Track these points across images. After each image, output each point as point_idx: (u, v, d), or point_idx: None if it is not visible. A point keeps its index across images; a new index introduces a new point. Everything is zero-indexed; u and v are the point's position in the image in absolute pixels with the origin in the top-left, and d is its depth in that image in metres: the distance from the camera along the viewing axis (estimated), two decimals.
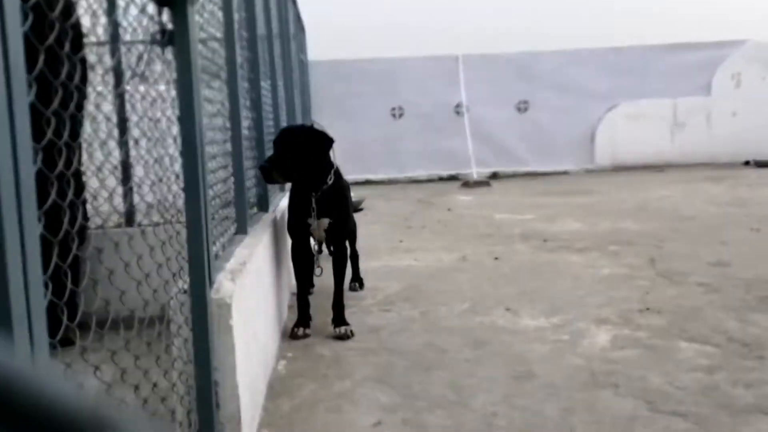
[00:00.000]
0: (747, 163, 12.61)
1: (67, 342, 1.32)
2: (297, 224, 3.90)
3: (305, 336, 3.76)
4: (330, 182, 3.82)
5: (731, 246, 5.56)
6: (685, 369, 3.09)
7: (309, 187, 3.79)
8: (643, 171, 12.41)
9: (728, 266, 4.89)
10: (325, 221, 3.83)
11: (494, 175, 12.64)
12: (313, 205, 3.78)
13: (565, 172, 12.82)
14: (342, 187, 3.99)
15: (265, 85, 4.47)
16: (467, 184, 11.49)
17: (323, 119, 12.77)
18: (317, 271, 3.96)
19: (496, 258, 5.54)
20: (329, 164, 3.85)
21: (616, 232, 6.45)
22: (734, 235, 5.98)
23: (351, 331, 3.74)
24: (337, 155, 12.99)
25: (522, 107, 13.16)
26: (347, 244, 4.14)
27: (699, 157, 12.80)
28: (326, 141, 3.82)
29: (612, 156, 12.97)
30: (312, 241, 3.99)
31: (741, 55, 12.83)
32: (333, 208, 3.84)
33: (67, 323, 1.35)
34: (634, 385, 2.95)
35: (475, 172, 12.38)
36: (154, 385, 2.01)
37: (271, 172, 3.67)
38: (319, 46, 12.16)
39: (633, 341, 3.48)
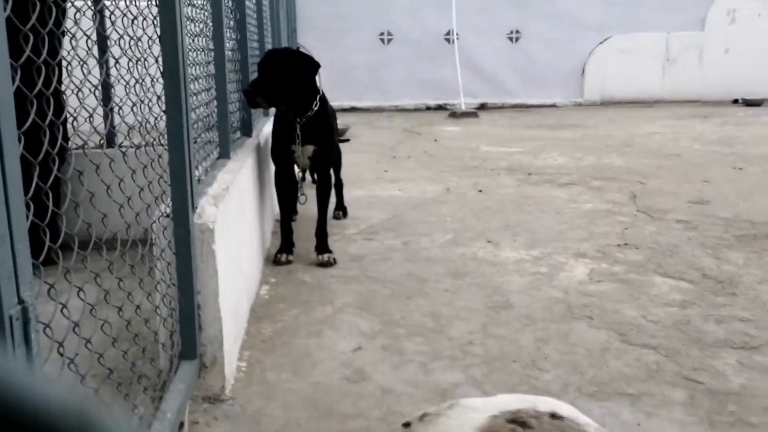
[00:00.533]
0: (736, 101, 12.58)
1: (49, 262, 1.32)
2: (281, 151, 3.87)
3: (288, 262, 3.79)
4: (315, 109, 3.76)
5: (713, 184, 5.61)
6: (659, 303, 3.17)
7: (294, 113, 3.74)
8: (632, 106, 12.36)
9: (708, 204, 4.95)
10: (310, 148, 3.80)
11: (482, 106, 12.53)
12: (298, 131, 3.73)
13: (553, 105, 12.74)
14: (327, 114, 3.93)
15: (249, 4, 4.34)
16: (455, 114, 11.40)
17: (309, 42, 12.50)
18: (301, 199, 3.96)
19: (481, 190, 5.56)
20: (315, 90, 3.78)
21: (601, 167, 6.48)
22: (717, 174, 6.02)
23: (334, 259, 3.77)
24: (322, 81, 12.79)
25: (514, 37, 12.94)
26: (332, 172, 4.13)
27: (689, 94, 12.74)
28: (312, 65, 3.74)
29: (601, 90, 12.88)
30: (296, 168, 3.97)
31: None
32: (318, 135, 3.81)
33: (50, 244, 1.34)
34: (609, 317, 3.02)
35: (463, 102, 12.25)
36: (138, 307, 2.03)
37: (254, 96, 3.60)
38: None
39: (610, 275, 3.55)
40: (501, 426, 1.09)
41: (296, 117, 3.73)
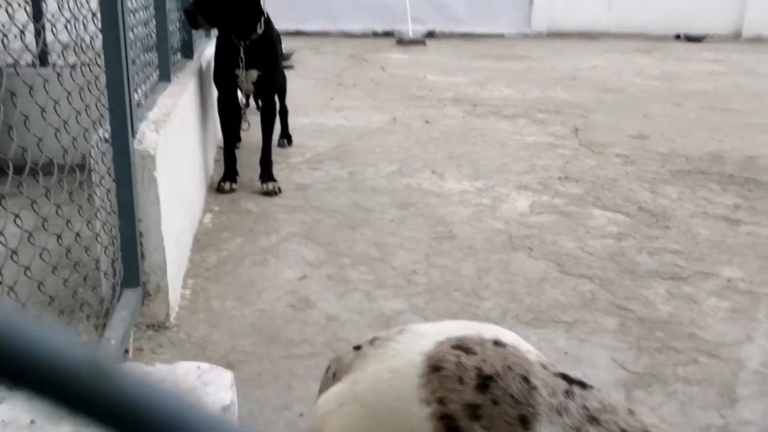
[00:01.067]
0: (678, 36, 12.76)
1: None
2: (224, 75, 3.75)
3: (232, 190, 3.74)
4: (260, 31, 3.64)
5: (652, 119, 5.74)
6: (596, 235, 3.27)
7: (237, 35, 3.61)
8: (578, 38, 12.39)
9: (647, 139, 5.07)
10: (254, 73, 3.70)
11: (430, 34, 12.36)
12: (242, 55, 3.61)
13: (501, 35, 12.66)
14: (273, 37, 3.81)
15: None
16: (402, 42, 11.22)
17: None
18: (244, 125, 3.87)
19: (427, 121, 5.55)
20: (259, 12, 3.65)
21: (545, 100, 6.53)
22: (657, 109, 6.16)
23: (278, 188, 3.74)
24: (266, 2, 12.35)
25: None
26: (276, 98, 4.03)
27: (634, 27, 12.84)
28: None
29: (549, 21, 12.85)
30: (239, 93, 3.86)
31: None
32: (262, 59, 3.69)
33: None
34: (548, 248, 3.11)
35: (411, 29, 12.05)
36: (77, 234, 1.98)
37: (195, 16, 3.44)
38: None
39: (550, 207, 3.64)
40: (446, 351, 1.12)
41: (240, 40, 3.60)
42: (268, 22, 3.73)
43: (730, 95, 6.95)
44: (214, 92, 3.98)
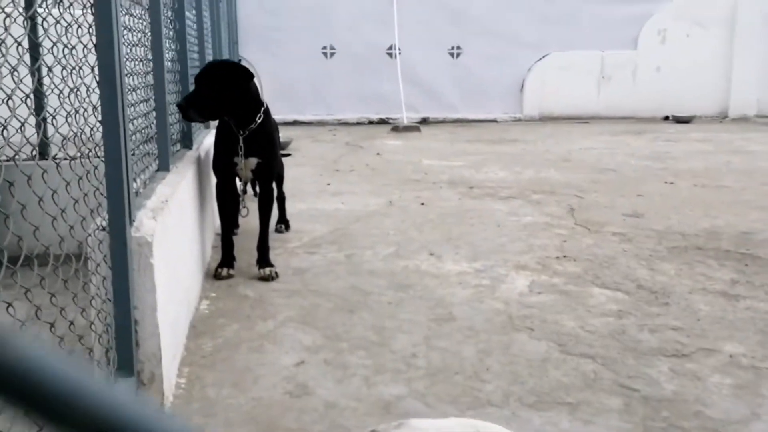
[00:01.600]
0: (667, 118, 13.08)
1: None
2: (223, 163, 3.81)
3: (229, 276, 3.73)
4: (259, 121, 3.73)
5: (647, 198, 5.80)
6: (597, 314, 3.25)
7: (236, 125, 3.69)
8: (570, 122, 12.70)
9: (642, 217, 5.11)
10: (253, 161, 3.76)
11: (424, 121, 12.66)
12: (241, 143, 3.69)
13: (494, 121, 12.97)
14: (271, 126, 3.90)
15: (189, 15, 4.29)
16: (397, 128, 11.48)
17: (251, 55, 12.41)
18: (243, 211, 3.90)
19: (423, 203, 5.61)
20: (258, 103, 3.75)
21: (540, 181, 6.62)
22: (650, 188, 6.23)
23: (275, 273, 3.73)
24: (264, 93, 12.71)
25: (455, 53, 13.14)
26: (274, 185, 4.09)
27: (623, 110, 13.17)
28: (243, 75, 3.64)
29: (540, 106, 13.20)
30: (238, 181, 3.92)
31: (668, 12, 13.14)
32: (261, 148, 3.77)
33: None
34: (549, 328, 3.08)
35: (405, 116, 12.35)
36: (71, 323, 1.96)
37: (188, 110, 3.52)
38: None
39: (549, 287, 3.62)
40: None
41: (239, 129, 3.68)
42: (267, 113, 3.82)
43: (721, 173, 7.05)
44: (212, 180, 4.04)
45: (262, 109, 3.74)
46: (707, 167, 7.42)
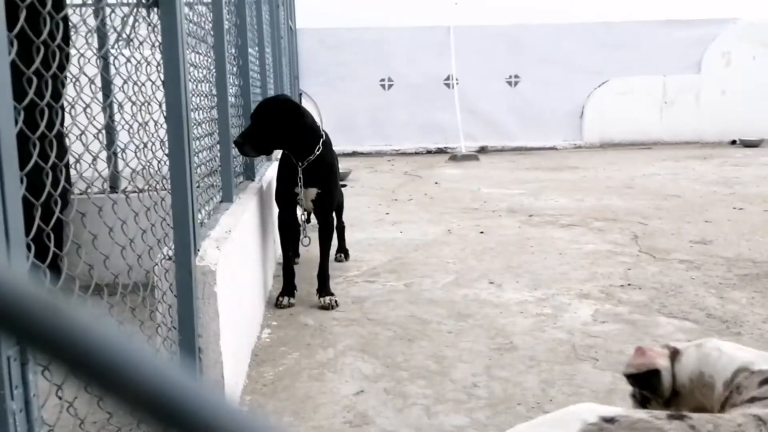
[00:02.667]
0: (734, 142, 12.68)
1: None
2: (284, 194, 3.89)
3: (290, 305, 3.77)
4: (318, 152, 3.80)
5: (714, 224, 5.61)
6: (664, 344, 3.13)
7: (295, 156, 3.77)
8: (631, 148, 12.45)
9: (710, 244, 4.94)
10: (313, 191, 3.82)
11: (482, 150, 12.64)
12: (300, 174, 3.76)
13: (553, 148, 12.84)
14: (331, 157, 3.97)
15: (252, 51, 4.42)
16: (455, 157, 11.48)
17: (311, 88, 12.69)
18: (305, 241, 3.96)
19: (482, 232, 5.57)
20: (316, 134, 3.82)
21: (602, 208, 6.49)
22: (718, 214, 6.03)
23: (335, 302, 3.75)
24: (324, 126, 12.92)
25: (512, 81, 13.12)
26: (334, 215, 4.14)
27: (687, 135, 12.86)
28: (292, 111, 3.75)
29: (600, 132, 13.00)
30: (299, 211, 3.98)
31: (732, 33, 12.83)
32: (320, 178, 3.83)
33: (50, 286, 1.34)
34: (614, 358, 2.99)
35: (464, 146, 12.36)
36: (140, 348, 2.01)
37: (243, 146, 3.61)
38: (308, 14, 12.02)
39: (614, 316, 3.53)
40: None
41: (298, 161, 3.76)
42: (327, 144, 3.89)
43: None
44: (275, 211, 4.11)
45: (321, 140, 3.81)
46: None
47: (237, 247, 2.90)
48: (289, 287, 3.83)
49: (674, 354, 1.65)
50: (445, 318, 3.56)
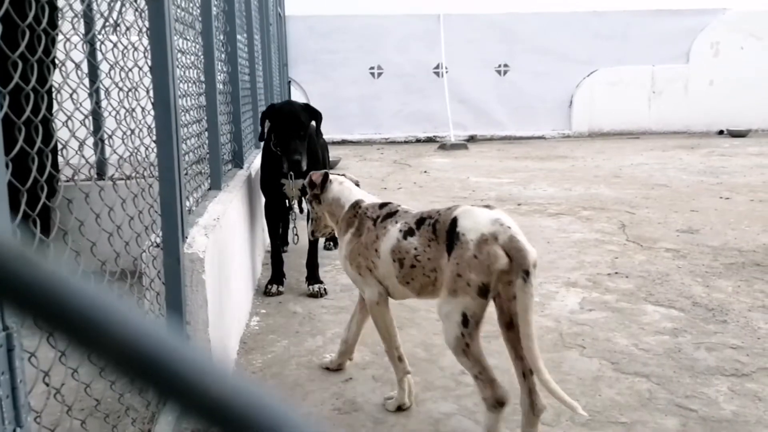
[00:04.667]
0: (721, 132, 12.76)
1: None
2: (270, 183, 3.88)
3: (279, 293, 3.77)
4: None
5: (701, 213, 5.65)
6: (651, 332, 3.16)
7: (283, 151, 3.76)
8: (620, 138, 12.50)
9: (697, 233, 4.98)
10: (300, 181, 3.81)
11: (471, 138, 12.64)
12: (286, 166, 3.74)
13: (542, 137, 12.86)
14: (317, 147, 3.96)
15: (240, 38, 4.39)
16: (444, 146, 11.48)
17: (300, 76, 12.63)
18: (294, 238, 3.94)
19: None
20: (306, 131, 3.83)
21: (590, 197, 6.52)
22: (704, 203, 6.07)
23: (324, 289, 3.76)
24: None
25: (502, 70, 13.12)
26: None
27: (675, 125, 12.92)
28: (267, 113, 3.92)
29: (589, 122, 13.04)
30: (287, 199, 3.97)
31: (720, 24, 12.88)
32: (308, 169, 3.81)
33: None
34: (601, 346, 3.01)
35: (453, 134, 12.36)
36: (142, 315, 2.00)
37: (301, 163, 3.71)
38: (297, 0, 11.95)
39: (601, 304, 3.55)
40: None
41: (284, 154, 3.75)
42: (315, 134, 3.89)
43: None
44: (263, 198, 4.10)
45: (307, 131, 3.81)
46: (765, 181, 7.20)
47: (225, 234, 2.89)
48: (277, 275, 3.83)
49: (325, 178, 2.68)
50: (434, 306, 3.56)
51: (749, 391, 2.56)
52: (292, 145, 3.69)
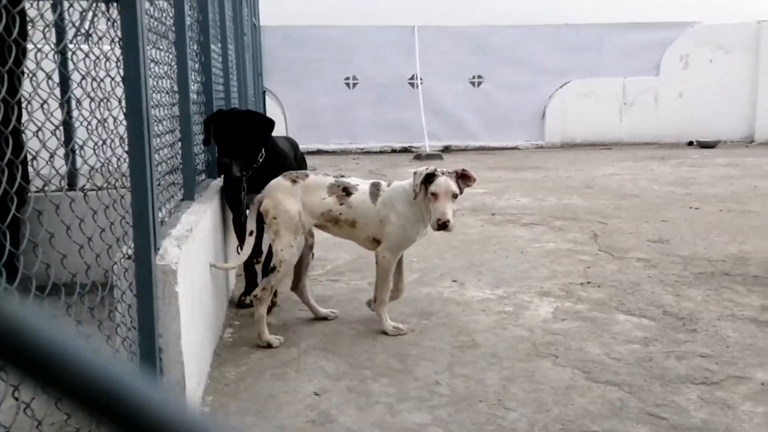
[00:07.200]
0: (691, 143, 12.98)
1: None
2: (232, 199, 3.77)
3: (252, 305, 3.73)
4: (261, 160, 3.65)
5: (671, 224, 5.74)
6: (622, 341, 3.20)
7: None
8: (592, 148, 12.66)
9: (667, 243, 5.05)
10: (252, 195, 3.54)
11: (446, 149, 12.71)
12: (244, 183, 3.61)
13: (515, 148, 12.98)
14: (277, 161, 3.77)
15: (215, 48, 4.38)
16: (419, 156, 11.53)
17: (275, 86, 12.61)
18: (258, 258, 3.81)
19: None
20: (260, 146, 3.67)
21: (562, 207, 6.59)
22: (675, 214, 6.17)
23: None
24: (288, 124, 12.87)
25: (476, 81, 13.22)
26: None
27: (646, 136, 13.11)
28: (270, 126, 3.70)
29: (561, 133, 13.18)
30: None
31: (689, 37, 13.12)
32: (265, 183, 3.51)
33: (6, 285, 1.32)
34: (573, 355, 3.04)
35: (428, 145, 12.42)
36: (96, 351, 1.98)
37: (231, 167, 3.51)
38: (272, 10, 11.94)
39: (573, 313, 3.59)
40: None
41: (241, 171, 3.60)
42: (272, 147, 3.75)
43: (748, 197, 6.97)
44: None
45: (264, 148, 3.68)
46: (734, 192, 7.34)
47: (198, 245, 2.87)
48: (251, 287, 3.80)
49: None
50: (409, 316, 3.58)
51: (718, 399, 2.61)
52: (222, 148, 3.56)
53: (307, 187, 3.31)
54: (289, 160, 4.04)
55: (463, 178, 3.44)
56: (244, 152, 3.57)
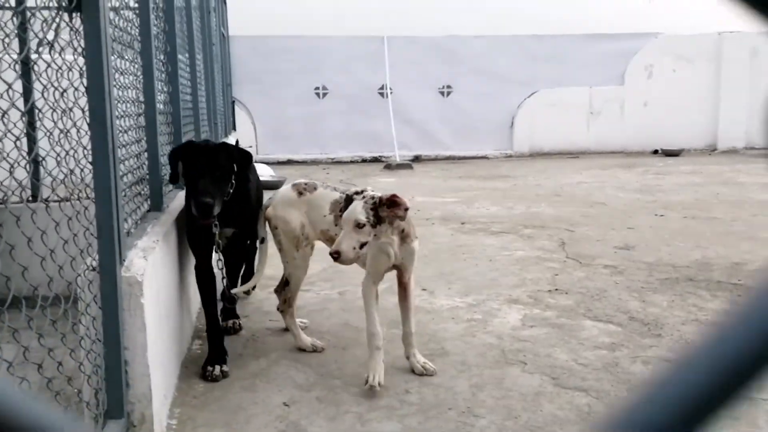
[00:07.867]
0: (656, 152, 13.22)
1: None
2: (200, 241, 3.23)
3: (224, 375, 3.40)
4: (231, 190, 3.19)
5: (637, 231, 5.84)
6: (589, 347, 3.24)
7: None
8: (560, 157, 12.82)
9: (633, 250, 5.13)
10: (228, 231, 3.33)
11: (416, 158, 12.77)
12: (216, 221, 3.09)
13: (484, 157, 13.08)
14: (247, 190, 3.40)
15: (182, 58, 4.35)
16: (390, 166, 11.56)
17: (244, 96, 12.56)
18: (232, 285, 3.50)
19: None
20: (229, 177, 3.19)
21: (531, 216, 6.66)
22: (640, 221, 6.27)
23: (239, 324, 3.53)
24: (258, 134, 12.83)
25: (445, 91, 13.32)
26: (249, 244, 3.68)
27: (612, 145, 13.33)
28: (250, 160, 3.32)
29: (530, 142, 13.33)
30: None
31: (653, 47, 13.39)
32: (236, 217, 3.31)
33: None
34: (542, 361, 3.07)
35: (398, 154, 12.46)
36: (60, 364, 1.95)
37: (213, 208, 3.01)
38: (241, 21, 11.90)
39: (542, 320, 3.62)
40: None
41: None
42: (241, 176, 3.29)
43: (711, 205, 7.11)
44: None
45: (232, 177, 3.20)
46: (697, 199, 7.48)
47: (165, 256, 2.84)
48: (218, 352, 3.13)
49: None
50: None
51: None
52: (201, 185, 3.00)
53: (311, 202, 3.27)
54: (259, 184, 3.73)
55: (390, 205, 2.91)
56: (222, 190, 3.12)
